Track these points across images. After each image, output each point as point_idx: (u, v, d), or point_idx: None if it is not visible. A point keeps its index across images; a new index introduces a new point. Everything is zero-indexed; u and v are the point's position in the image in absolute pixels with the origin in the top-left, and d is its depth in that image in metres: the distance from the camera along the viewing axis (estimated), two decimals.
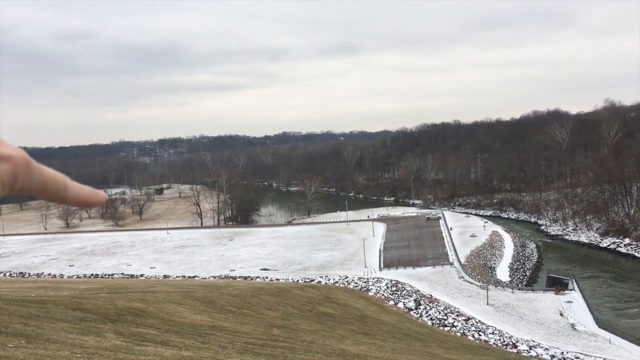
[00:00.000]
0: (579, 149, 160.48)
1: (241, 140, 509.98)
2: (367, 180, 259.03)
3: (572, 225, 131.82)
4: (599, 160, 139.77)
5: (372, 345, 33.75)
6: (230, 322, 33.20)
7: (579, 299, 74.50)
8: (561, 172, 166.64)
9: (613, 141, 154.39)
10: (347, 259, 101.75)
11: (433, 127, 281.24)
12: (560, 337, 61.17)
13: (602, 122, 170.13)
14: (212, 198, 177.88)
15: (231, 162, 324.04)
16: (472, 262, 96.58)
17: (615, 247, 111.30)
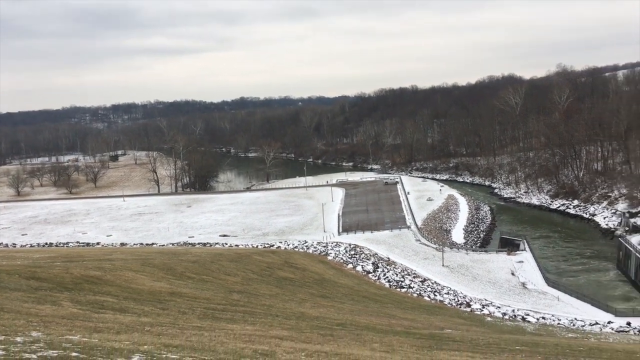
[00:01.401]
0: (532, 113, 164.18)
1: (198, 105, 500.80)
2: (326, 145, 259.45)
3: (524, 188, 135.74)
4: (550, 125, 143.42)
5: (331, 307, 34.40)
6: (190, 288, 33.21)
7: (529, 259, 77.28)
8: (514, 137, 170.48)
9: (564, 106, 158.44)
10: (306, 224, 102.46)
11: (391, 92, 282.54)
12: (512, 295, 63.55)
13: (554, 87, 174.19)
14: (169, 165, 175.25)
15: (188, 128, 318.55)
16: (428, 225, 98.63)
17: (564, 209, 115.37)
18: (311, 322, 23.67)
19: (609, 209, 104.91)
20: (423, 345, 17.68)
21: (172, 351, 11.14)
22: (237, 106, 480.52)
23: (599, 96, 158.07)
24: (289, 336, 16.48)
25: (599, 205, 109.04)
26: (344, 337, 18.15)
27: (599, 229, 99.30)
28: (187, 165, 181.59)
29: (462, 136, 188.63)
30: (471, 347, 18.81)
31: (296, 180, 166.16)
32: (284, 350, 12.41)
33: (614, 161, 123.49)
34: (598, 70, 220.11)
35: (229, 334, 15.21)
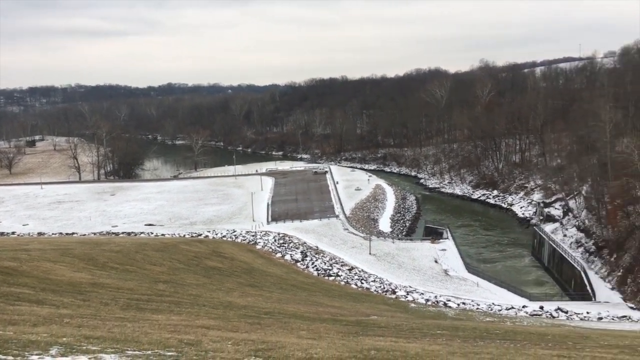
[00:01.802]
0: (456, 106, 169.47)
1: (122, 90, 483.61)
2: (256, 134, 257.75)
3: (448, 178, 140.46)
4: (473, 118, 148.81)
5: (259, 296, 34.40)
6: (113, 278, 32.27)
7: (452, 247, 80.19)
8: (440, 129, 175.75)
9: (486, 99, 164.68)
10: (235, 213, 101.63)
11: (321, 82, 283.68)
12: (435, 282, 65.78)
13: (477, 82, 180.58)
14: (92, 151, 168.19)
15: (112, 113, 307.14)
16: (356, 214, 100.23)
17: (485, 199, 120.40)
18: (239, 311, 23.59)
19: (526, 199, 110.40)
20: (349, 331, 18.04)
21: (92, 343, 10.81)
22: (164, 92, 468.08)
23: (518, 91, 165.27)
24: (215, 325, 16.38)
25: (517, 195, 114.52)
26: (272, 325, 18.22)
27: (516, 218, 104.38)
28: (110, 152, 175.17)
29: (390, 127, 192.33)
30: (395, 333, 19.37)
31: (225, 169, 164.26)
32: (210, 340, 12.33)
33: (531, 154, 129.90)
34: (518, 66, 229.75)
35: (154, 325, 14.93)
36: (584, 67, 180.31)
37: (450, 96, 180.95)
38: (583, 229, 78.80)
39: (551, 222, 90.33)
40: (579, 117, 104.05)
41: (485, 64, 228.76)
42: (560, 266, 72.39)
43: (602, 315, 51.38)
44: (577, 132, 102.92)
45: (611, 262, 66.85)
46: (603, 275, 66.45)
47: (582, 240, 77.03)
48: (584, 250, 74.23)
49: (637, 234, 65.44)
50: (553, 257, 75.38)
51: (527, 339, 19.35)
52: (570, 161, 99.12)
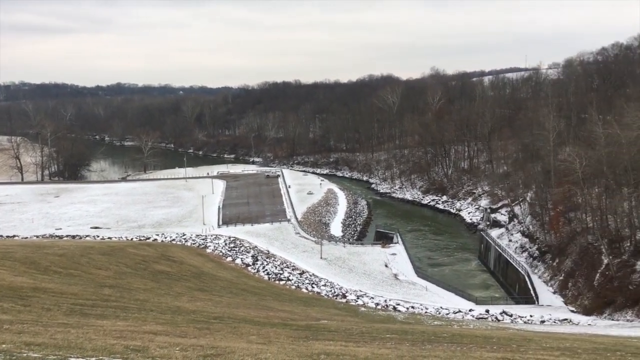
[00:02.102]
0: (408, 112, 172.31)
1: (69, 89, 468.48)
2: (207, 136, 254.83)
3: (399, 183, 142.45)
4: (423, 124, 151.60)
5: (208, 301, 33.96)
6: (56, 283, 31.24)
7: (402, 251, 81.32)
8: (391, 134, 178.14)
9: (436, 107, 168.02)
10: (185, 216, 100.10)
11: (274, 85, 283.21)
12: (385, 286, 66.53)
13: (428, 89, 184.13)
14: (35, 151, 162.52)
15: (57, 112, 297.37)
16: (308, 218, 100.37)
17: (434, 204, 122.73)
18: (187, 316, 23.22)
19: (473, 204, 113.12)
20: (299, 336, 18.01)
21: (34, 350, 10.42)
22: (113, 92, 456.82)
23: (467, 99, 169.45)
24: (163, 331, 16.06)
25: (465, 201, 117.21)
26: (221, 330, 18.01)
27: (464, 223, 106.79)
28: (55, 152, 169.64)
29: (342, 132, 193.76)
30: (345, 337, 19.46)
31: (175, 171, 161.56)
32: (157, 345, 12.07)
33: (479, 160, 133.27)
34: (467, 75, 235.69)
35: (99, 331, 14.51)
36: (529, 78, 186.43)
37: (401, 103, 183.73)
38: (527, 235, 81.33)
39: (497, 227, 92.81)
40: (525, 126, 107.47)
41: (436, 71, 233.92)
42: (506, 270, 74.45)
43: (544, 319, 53.07)
44: (522, 140, 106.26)
45: (553, 267, 69.22)
46: (546, 279, 68.71)
47: (526, 245, 79.48)
48: (528, 255, 76.60)
49: (578, 239, 68.01)
50: (499, 262, 77.47)
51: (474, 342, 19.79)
52: (516, 168, 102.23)
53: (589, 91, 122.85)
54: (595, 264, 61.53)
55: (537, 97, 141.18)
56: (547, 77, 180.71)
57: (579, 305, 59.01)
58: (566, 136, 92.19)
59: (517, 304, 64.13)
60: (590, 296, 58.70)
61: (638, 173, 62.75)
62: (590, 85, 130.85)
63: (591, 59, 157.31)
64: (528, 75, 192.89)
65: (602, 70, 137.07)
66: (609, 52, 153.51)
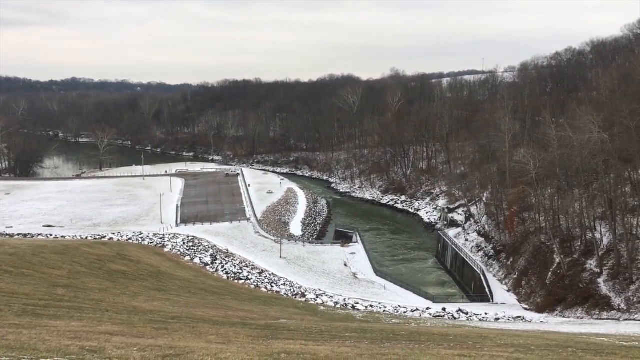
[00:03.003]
0: (368, 113, 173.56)
1: (21, 83, 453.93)
2: (166, 134, 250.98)
3: (358, 183, 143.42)
4: (383, 125, 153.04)
5: (166, 300, 33.49)
6: (7, 283, 30.28)
7: (361, 251, 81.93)
8: (351, 134, 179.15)
9: (396, 107, 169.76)
10: (142, 215, 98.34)
11: (234, 83, 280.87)
12: (344, 285, 66.91)
13: (388, 90, 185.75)
14: None
15: (9, 107, 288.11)
16: (268, 217, 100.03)
17: (393, 204, 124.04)
18: (144, 316, 22.83)
19: (431, 204, 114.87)
20: (259, 335, 17.95)
21: None
22: (68, 87, 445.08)
23: (426, 100, 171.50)
24: (120, 331, 15.75)
25: (423, 201, 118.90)
26: (179, 330, 17.79)
27: (422, 223, 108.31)
28: (6, 148, 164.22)
29: (303, 131, 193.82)
30: (305, 336, 19.49)
31: (133, 169, 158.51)
32: (114, 346, 11.84)
33: (437, 161, 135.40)
34: (426, 76, 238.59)
35: (52, 331, 14.13)
36: (486, 80, 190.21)
37: (362, 103, 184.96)
38: (483, 234, 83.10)
39: (454, 227, 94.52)
40: (481, 127, 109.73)
41: (396, 73, 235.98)
42: (462, 269, 75.90)
43: (499, 316, 54.36)
44: (479, 141, 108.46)
45: (508, 266, 70.94)
46: (500, 278, 70.37)
47: (482, 244, 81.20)
48: (484, 254, 78.28)
49: (531, 239, 69.91)
50: (455, 261, 78.91)
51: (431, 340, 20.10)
52: (473, 169, 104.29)
53: (543, 94, 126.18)
54: (548, 262, 63.38)
55: (494, 99, 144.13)
56: (503, 80, 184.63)
57: (532, 303, 60.66)
58: (521, 138, 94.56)
59: (472, 302, 65.47)
60: (542, 294, 60.42)
61: (589, 175, 64.92)
62: (544, 89, 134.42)
63: (545, 63, 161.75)
64: (485, 78, 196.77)
65: (556, 74, 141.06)
66: (562, 57, 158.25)
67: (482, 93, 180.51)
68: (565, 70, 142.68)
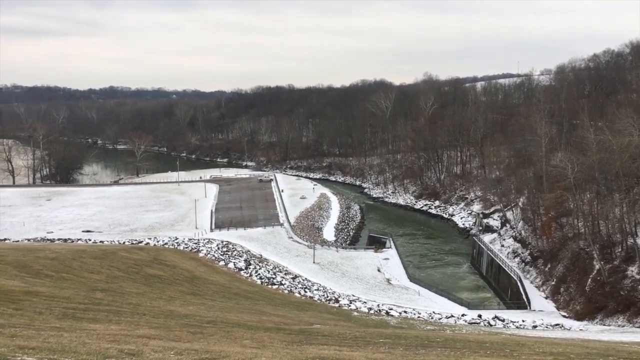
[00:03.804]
0: (400, 117, 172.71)
1: (61, 92, 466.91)
2: (200, 140, 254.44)
3: (391, 188, 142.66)
4: (416, 129, 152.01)
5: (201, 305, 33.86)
6: (48, 286, 31.07)
7: (394, 256, 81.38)
8: (384, 139, 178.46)
9: (429, 112, 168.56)
10: (177, 220, 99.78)
11: (267, 90, 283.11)
12: (377, 291, 66.52)
13: (421, 94, 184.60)
14: (27, 154, 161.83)
15: (50, 115, 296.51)
16: (301, 223, 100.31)
17: (427, 209, 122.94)
18: (180, 320, 23.14)
19: (466, 209, 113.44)
20: (293, 340, 17.99)
21: (28, 353, 10.36)
22: (106, 95, 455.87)
23: (459, 105, 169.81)
24: (157, 335, 16.00)
25: (457, 206, 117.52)
26: (215, 334, 17.97)
27: (456, 228, 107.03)
28: (47, 155, 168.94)
29: (335, 137, 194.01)
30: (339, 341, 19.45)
31: (168, 175, 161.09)
32: (151, 350, 12.04)
33: (471, 165, 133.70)
34: (460, 80, 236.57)
35: (92, 335, 14.45)
36: (521, 84, 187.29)
37: (394, 107, 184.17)
38: (519, 240, 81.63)
39: (490, 232, 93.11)
40: (517, 131, 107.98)
41: (429, 77, 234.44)
42: (498, 275, 74.66)
43: (536, 324, 53.25)
44: (514, 145, 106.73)
45: (545, 272, 69.49)
46: (538, 284, 68.97)
47: (518, 250, 79.77)
48: (520, 260, 76.87)
49: (569, 245, 68.35)
50: (491, 267, 77.69)
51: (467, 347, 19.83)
52: (508, 173, 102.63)
53: (580, 97, 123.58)
54: (587, 269, 61.84)
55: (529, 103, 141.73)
56: (539, 83, 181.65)
57: (571, 310, 59.26)
58: (558, 142, 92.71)
59: (509, 309, 64.29)
60: (582, 301, 58.96)
61: (629, 179, 63.19)
62: (582, 92, 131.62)
63: (583, 65, 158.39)
64: (520, 81, 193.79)
65: (594, 76, 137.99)
66: (600, 59, 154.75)
67: (518, 96, 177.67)
68: (604, 73, 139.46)
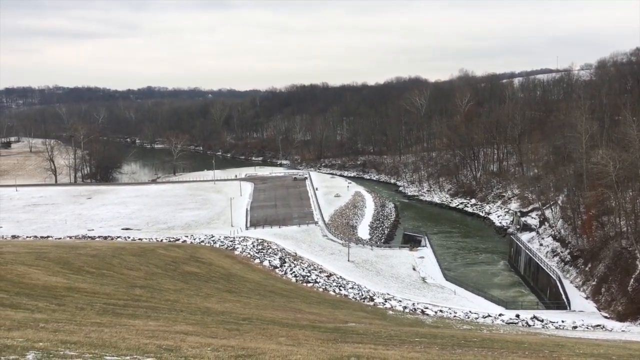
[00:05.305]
0: (436, 115, 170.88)
1: (101, 93, 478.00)
2: (236, 139, 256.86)
3: (427, 186, 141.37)
4: (452, 127, 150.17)
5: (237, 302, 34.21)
6: (89, 283, 31.84)
7: (430, 255, 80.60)
8: (419, 137, 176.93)
9: (465, 109, 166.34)
10: (213, 218, 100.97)
11: (302, 88, 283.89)
12: (413, 289, 66.04)
13: (456, 91, 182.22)
14: (68, 154, 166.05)
15: (90, 116, 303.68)
16: (335, 221, 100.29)
17: (463, 207, 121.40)
18: (217, 317, 23.43)
19: (503, 208, 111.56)
20: (328, 338, 18.02)
21: (70, 348, 10.64)
22: (144, 95, 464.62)
23: (496, 101, 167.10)
24: (194, 331, 16.24)
25: (494, 204, 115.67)
26: (250, 331, 18.12)
27: (493, 227, 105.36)
28: (88, 155, 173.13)
29: (370, 135, 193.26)
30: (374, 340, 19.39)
31: (204, 174, 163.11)
32: (189, 346, 12.22)
33: (508, 163, 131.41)
34: (496, 76, 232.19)
35: (131, 330, 14.75)
36: (561, 79, 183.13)
37: (429, 105, 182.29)
38: (559, 239, 79.88)
39: (527, 231, 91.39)
40: (556, 128, 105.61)
41: (465, 73, 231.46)
42: (536, 275, 73.22)
43: (576, 324, 52.06)
44: (553, 142, 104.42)
45: (586, 272, 67.83)
46: (578, 284, 67.38)
47: (557, 249, 78.07)
48: (560, 260, 75.22)
49: (611, 244, 66.55)
50: (529, 266, 76.24)
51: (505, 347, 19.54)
52: (547, 171, 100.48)
53: (622, 92, 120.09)
54: (630, 269, 60.10)
55: (569, 98, 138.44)
56: (579, 78, 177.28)
57: (613, 311, 57.71)
58: (599, 138, 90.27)
59: (548, 309, 63.00)
60: (624, 302, 57.34)
61: None
62: (624, 87, 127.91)
63: (625, 59, 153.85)
64: (559, 76, 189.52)
65: (637, 71, 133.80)
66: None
67: (557, 92, 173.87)
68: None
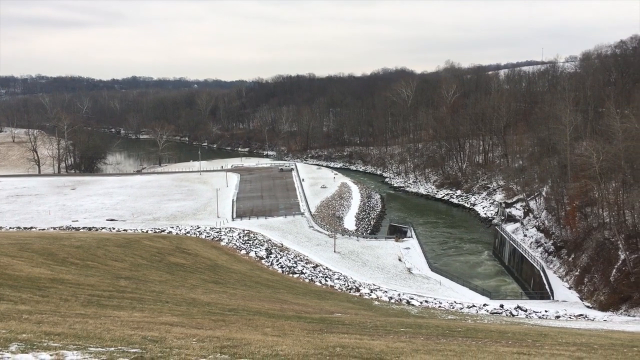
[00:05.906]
0: (422, 106, 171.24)
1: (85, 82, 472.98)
2: (222, 130, 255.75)
3: (413, 177, 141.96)
4: (438, 118, 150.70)
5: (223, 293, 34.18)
6: (73, 274, 31.60)
7: (415, 246, 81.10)
8: (405, 128, 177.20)
9: (451, 101, 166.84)
10: (199, 209, 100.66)
11: (288, 79, 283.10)
12: (398, 280, 66.45)
13: (443, 83, 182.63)
14: (52, 144, 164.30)
15: (74, 105, 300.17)
16: (321, 212, 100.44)
17: (448, 198, 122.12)
18: (203, 308, 23.39)
19: (488, 199, 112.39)
20: (314, 328, 18.06)
21: (54, 339, 10.56)
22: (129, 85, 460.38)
23: (482, 93, 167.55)
24: (179, 322, 16.19)
25: (479, 195, 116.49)
26: (236, 322, 18.12)
27: (478, 218, 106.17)
28: (72, 145, 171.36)
29: (356, 126, 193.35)
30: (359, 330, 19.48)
31: (190, 165, 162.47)
32: (174, 336, 12.18)
33: (494, 154, 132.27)
34: (482, 68, 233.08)
35: (116, 321, 14.67)
36: (546, 71, 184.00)
37: (416, 96, 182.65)
38: (543, 230, 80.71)
39: (512, 222, 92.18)
40: (541, 120, 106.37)
41: (451, 65, 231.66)
42: (520, 265, 73.99)
43: (559, 314, 52.74)
44: (538, 134, 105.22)
45: (569, 262, 68.67)
46: (561, 274, 68.21)
47: (541, 240, 78.90)
48: (544, 250, 76.04)
49: (594, 235, 67.38)
50: (513, 257, 77.00)
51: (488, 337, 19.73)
52: (532, 162, 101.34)
53: (606, 85, 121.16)
54: (612, 259, 60.95)
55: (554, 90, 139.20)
56: (564, 70, 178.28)
57: (595, 300, 58.55)
58: (583, 130, 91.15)
59: (531, 299, 63.76)
60: (606, 292, 58.20)
61: None
62: (608, 79, 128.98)
63: (609, 52, 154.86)
64: (544, 68, 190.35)
65: (621, 63, 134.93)
66: (627, 45, 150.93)
67: (542, 84, 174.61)
68: (631, 59, 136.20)
